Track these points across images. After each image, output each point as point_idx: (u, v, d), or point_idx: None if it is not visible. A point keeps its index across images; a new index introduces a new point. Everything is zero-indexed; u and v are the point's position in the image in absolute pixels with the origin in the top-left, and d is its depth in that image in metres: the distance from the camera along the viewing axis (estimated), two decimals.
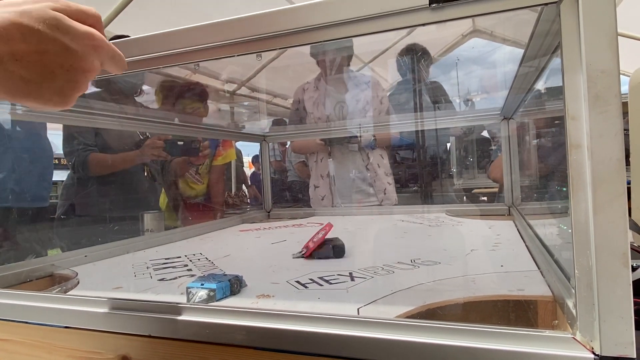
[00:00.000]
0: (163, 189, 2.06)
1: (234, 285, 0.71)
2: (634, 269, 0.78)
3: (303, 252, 0.97)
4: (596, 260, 0.39)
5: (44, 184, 1.61)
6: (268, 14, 0.50)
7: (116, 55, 0.44)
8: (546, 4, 0.41)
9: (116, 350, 0.59)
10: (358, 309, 0.55)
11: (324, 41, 0.49)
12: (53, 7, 0.38)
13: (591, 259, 0.40)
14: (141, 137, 1.71)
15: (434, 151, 2.48)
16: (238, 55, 0.53)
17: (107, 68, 0.44)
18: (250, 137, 2.02)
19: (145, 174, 1.83)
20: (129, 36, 1.73)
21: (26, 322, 0.65)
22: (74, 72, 0.39)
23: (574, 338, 0.41)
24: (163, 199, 2.10)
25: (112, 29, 2.86)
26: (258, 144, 1.95)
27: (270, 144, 2.01)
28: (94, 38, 0.40)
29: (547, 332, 0.42)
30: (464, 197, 2.34)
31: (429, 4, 0.44)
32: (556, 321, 0.47)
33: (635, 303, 0.65)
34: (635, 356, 0.38)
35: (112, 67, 0.44)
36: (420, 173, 2.43)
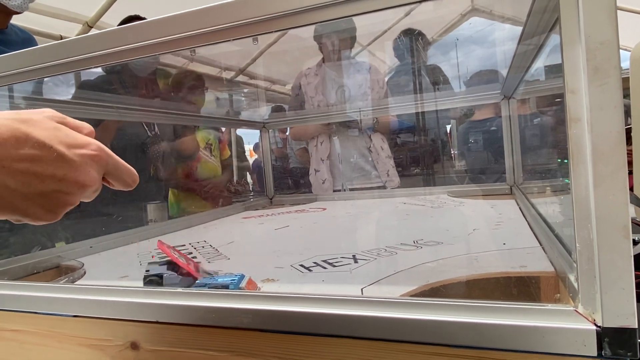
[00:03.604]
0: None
1: None
2: (635, 242, 0.78)
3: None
4: (597, 233, 0.39)
5: None
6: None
7: (121, 166, 0.40)
8: None
9: (125, 337, 0.60)
10: (362, 289, 0.56)
11: (321, 22, 0.49)
12: (52, 117, 0.36)
13: (592, 232, 0.40)
14: (149, 134, 1.70)
15: (434, 133, 2.48)
16: (233, 40, 0.52)
17: (114, 183, 0.40)
18: (249, 125, 2.01)
19: (152, 168, 1.82)
20: (144, 18, 1.70)
21: (35, 313, 0.66)
22: (66, 183, 0.35)
23: (576, 311, 0.41)
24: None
25: (107, 20, 2.83)
26: (259, 132, 1.95)
27: (270, 131, 2.00)
28: (91, 147, 0.37)
29: (550, 306, 0.42)
30: (466, 177, 2.33)
31: None
32: (558, 295, 0.47)
33: (637, 276, 0.66)
34: (636, 326, 0.39)
35: (119, 181, 0.40)
36: (422, 155, 2.43)
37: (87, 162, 0.36)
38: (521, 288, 0.61)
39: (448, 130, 2.65)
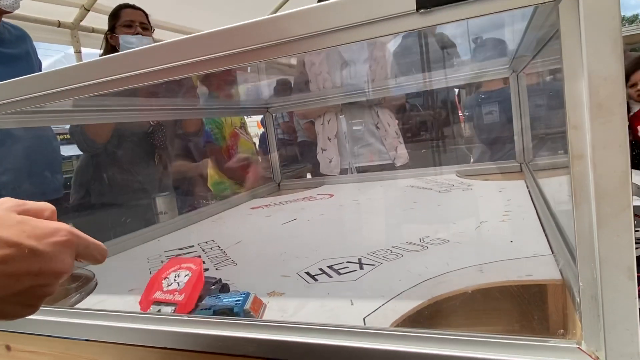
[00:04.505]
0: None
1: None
2: None
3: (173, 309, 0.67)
4: (601, 273, 0.38)
5: (57, 175, 1.62)
6: (249, 25, 0.48)
7: (91, 245, 0.39)
8: (543, 3, 0.37)
9: None
10: (364, 319, 0.56)
11: (311, 51, 0.46)
12: (12, 208, 0.35)
13: (596, 271, 0.39)
14: (151, 123, 1.69)
15: (441, 108, 2.42)
16: (218, 70, 0.51)
17: (85, 261, 0.40)
18: (252, 111, 1.99)
19: (156, 157, 1.82)
20: (134, 5, 1.65)
21: (49, 336, 0.68)
22: (43, 276, 0.34)
23: (579, 348, 0.41)
24: (212, 175, 2.15)
25: (103, 2, 2.77)
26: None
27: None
28: (61, 233, 0.36)
29: (552, 342, 0.42)
30: (475, 155, 2.29)
31: (417, 10, 0.41)
32: (561, 330, 0.47)
33: None
34: None
35: (90, 258, 0.40)
36: (429, 130, 2.39)
37: (60, 250, 0.36)
38: (528, 299, 0.61)
39: (457, 103, 2.59)
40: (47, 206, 0.39)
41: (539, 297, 0.60)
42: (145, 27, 1.64)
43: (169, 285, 0.76)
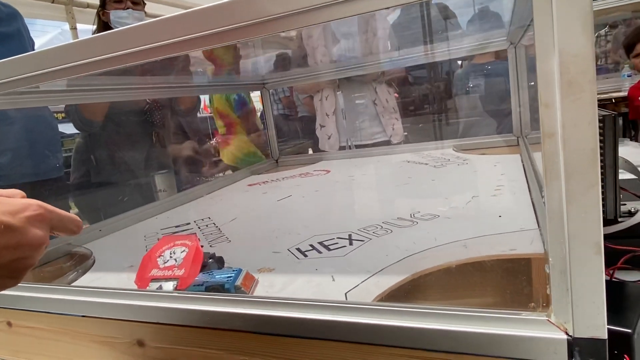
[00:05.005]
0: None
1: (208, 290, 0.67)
2: (632, 213, 0.78)
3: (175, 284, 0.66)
4: (570, 248, 0.39)
5: (57, 154, 1.63)
6: (235, 2, 0.47)
7: (64, 218, 0.42)
8: None
9: (131, 335, 0.64)
10: (345, 294, 0.58)
11: (299, 27, 0.46)
12: None
13: (565, 247, 0.40)
14: (148, 101, 1.69)
15: (440, 82, 2.39)
16: (203, 49, 0.50)
17: (61, 233, 0.42)
18: (248, 87, 1.98)
19: (154, 135, 1.82)
20: None
21: (48, 312, 0.70)
22: (21, 249, 0.37)
23: (548, 320, 0.42)
24: (232, 151, 2.24)
25: None
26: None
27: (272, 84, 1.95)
28: (32, 208, 0.38)
29: (523, 315, 0.43)
30: (473, 128, 2.27)
31: None
32: (532, 304, 0.48)
33: (630, 251, 0.66)
34: (606, 337, 0.39)
35: (65, 231, 0.43)
36: (430, 104, 2.37)
37: (33, 223, 0.38)
38: (510, 272, 0.62)
39: (453, 79, 2.56)
40: (17, 191, 0.41)
41: (521, 270, 0.61)
42: (136, 1, 1.61)
43: (165, 263, 0.77)
